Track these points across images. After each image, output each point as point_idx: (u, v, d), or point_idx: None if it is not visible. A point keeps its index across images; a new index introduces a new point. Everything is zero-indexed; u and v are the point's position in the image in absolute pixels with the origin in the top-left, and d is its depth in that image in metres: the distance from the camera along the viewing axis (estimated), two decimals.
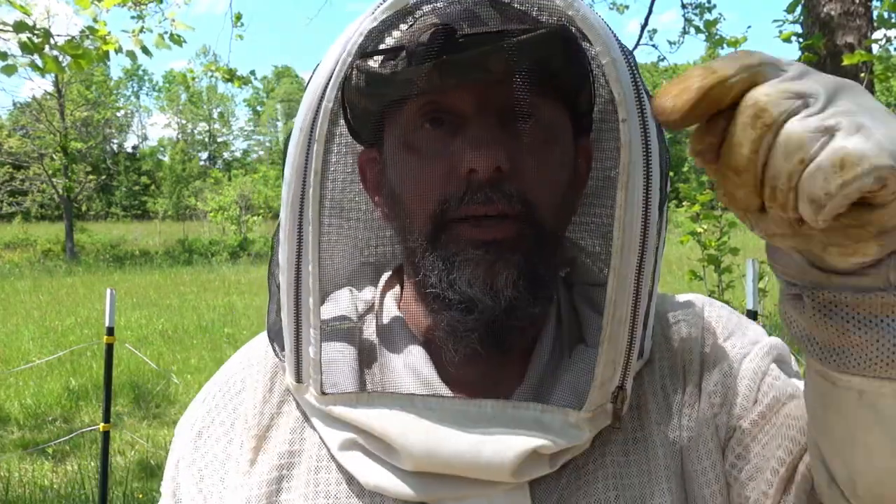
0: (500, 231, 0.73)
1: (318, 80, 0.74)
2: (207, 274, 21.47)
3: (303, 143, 0.74)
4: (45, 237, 30.95)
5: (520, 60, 0.70)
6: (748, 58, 0.49)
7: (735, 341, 0.82)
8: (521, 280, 0.73)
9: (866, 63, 4.07)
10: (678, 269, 16.50)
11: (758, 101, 0.48)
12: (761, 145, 0.47)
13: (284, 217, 0.76)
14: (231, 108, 73.55)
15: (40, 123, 32.57)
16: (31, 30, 4.49)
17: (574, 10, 0.72)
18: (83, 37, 4.89)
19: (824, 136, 0.46)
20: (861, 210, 0.47)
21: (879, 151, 0.45)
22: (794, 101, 0.48)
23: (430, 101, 0.75)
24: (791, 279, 0.56)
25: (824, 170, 0.45)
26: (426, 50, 0.72)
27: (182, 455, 0.84)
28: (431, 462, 0.70)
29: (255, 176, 39.46)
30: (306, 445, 0.79)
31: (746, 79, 0.49)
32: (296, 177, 0.75)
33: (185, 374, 8.95)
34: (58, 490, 5.48)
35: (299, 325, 0.76)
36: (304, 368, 0.77)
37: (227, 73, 8.25)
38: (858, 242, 0.49)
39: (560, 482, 0.74)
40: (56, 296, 16.55)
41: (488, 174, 0.71)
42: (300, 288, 0.76)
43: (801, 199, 0.47)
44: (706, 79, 0.49)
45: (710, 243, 5.46)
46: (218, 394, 0.86)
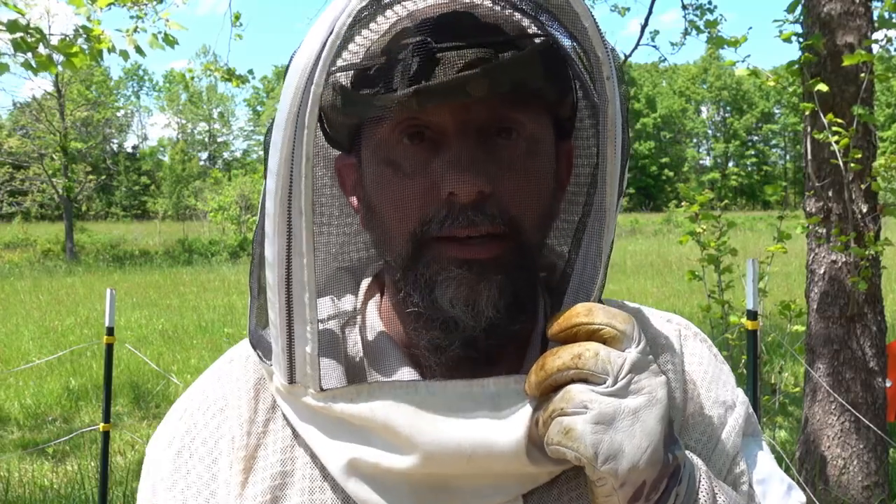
0: (483, 251, 0.72)
1: (304, 62, 0.70)
2: (207, 274, 21.47)
3: (290, 130, 0.70)
4: (45, 237, 30.96)
5: (500, 82, 0.70)
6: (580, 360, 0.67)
7: (715, 395, 0.85)
8: (502, 300, 0.72)
9: (866, 63, 4.06)
10: (678, 269, 16.49)
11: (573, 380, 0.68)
12: (560, 377, 0.67)
13: (273, 209, 0.71)
14: (231, 108, 73.60)
15: (40, 123, 32.58)
16: (25, 29, 4.49)
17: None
18: (76, 35, 4.87)
19: (583, 411, 0.65)
20: (592, 483, 0.67)
21: (593, 445, 0.64)
22: (600, 377, 0.66)
23: (409, 117, 0.73)
24: None
25: (559, 423, 0.65)
26: (404, 73, 0.71)
27: (161, 476, 0.79)
28: (440, 450, 0.68)
29: (255, 176, 39.43)
30: (297, 465, 0.76)
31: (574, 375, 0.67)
32: (284, 165, 0.70)
33: (184, 374, 8.95)
34: (58, 490, 5.48)
35: (291, 323, 0.72)
36: (297, 368, 0.73)
37: (226, 73, 8.24)
38: None
39: (552, 493, 0.74)
40: (56, 296, 16.55)
41: (469, 198, 0.70)
42: (291, 282, 0.72)
43: (547, 431, 0.66)
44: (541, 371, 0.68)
45: (709, 243, 5.45)
46: (197, 411, 0.81)
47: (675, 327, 0.89)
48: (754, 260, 3.58)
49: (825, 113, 4.06)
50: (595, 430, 0.64)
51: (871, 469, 4.26)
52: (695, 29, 7.10)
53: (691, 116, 73.12)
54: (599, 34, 0.73)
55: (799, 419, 4.93)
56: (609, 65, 0.73)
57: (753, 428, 0.88)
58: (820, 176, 4.23)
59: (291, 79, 0.71)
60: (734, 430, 0.84)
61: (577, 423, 0.64)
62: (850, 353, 4.24)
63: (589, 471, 0.65)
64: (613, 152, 0.74)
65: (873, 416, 4.22)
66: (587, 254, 0.76)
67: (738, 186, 68.03)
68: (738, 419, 0.85)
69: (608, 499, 0.66)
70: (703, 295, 5.77)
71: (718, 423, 0.83)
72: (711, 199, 5.69)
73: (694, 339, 0.89)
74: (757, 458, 0.85)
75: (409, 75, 0.70)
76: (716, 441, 0.82)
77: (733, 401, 0.86)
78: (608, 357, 0.66)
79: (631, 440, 0.65)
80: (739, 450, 0.83)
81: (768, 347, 7.95)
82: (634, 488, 0.66)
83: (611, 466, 0.64)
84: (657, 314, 0.90)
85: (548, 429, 0.66)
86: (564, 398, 0.66)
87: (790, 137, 69.16)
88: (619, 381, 0.66)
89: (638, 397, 0.66)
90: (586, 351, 0.66)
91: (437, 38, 0.71)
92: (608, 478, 0.65)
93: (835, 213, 4.19)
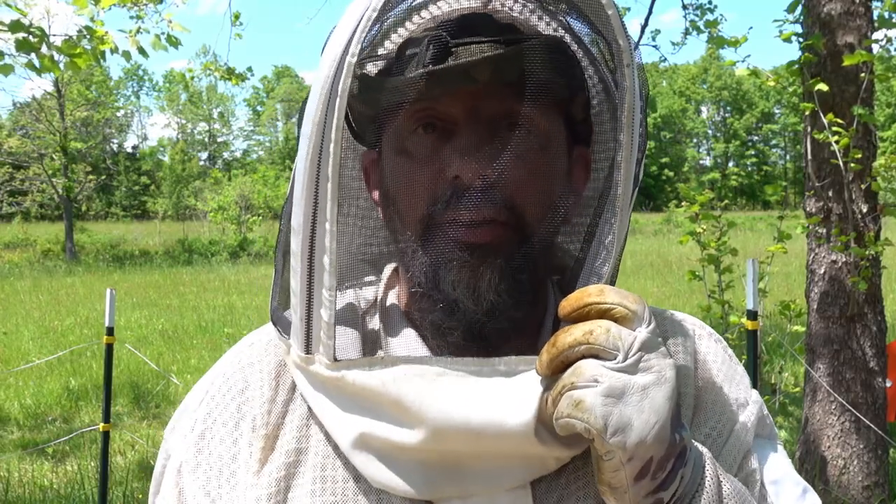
0: (485, 235, 0.74)
1: (342, 34, 0.74)
2: (207, 274, 21.47)
3: (324, 97, 0.73)
4: (45, 237, 30.95)
5: (504, 69, 0.74)
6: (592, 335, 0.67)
7: (727, 392, 0.86)
8: (502, 284, 0.75)
9: (866, 63, 4.06)
10: (678, 269, 16.49)
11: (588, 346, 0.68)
12: (572, 353, 0.67)
13: (301, 173, 0.74)
14: (231, 108, 73.63)
15: (40, 123, 32.57)
16: (28, 29, 4.49)
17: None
18: (80, 36, 4.87)
19: (593, 384, 0.65)
20: (596, 455, 0.67)
21: (603, 417, 0.64)
22: (611, 352, 0.67)
23: (425, 108, 0.77)
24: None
25: (570, 397, 0.66)
26: (418, 62, 0.75)
27: (185, 459, 0.81)
28: (448, 426, 0.69)
29: (255, 176, 39.44)
30: (312, 442, 0.78)
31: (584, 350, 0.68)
32: (316, 130, 0.73)
33: (184, 374, 8.95)
34: (58, 490, 5.48)
35: (312, 287, 0.74)
36: (314, 336, 0.75)
37: (225, 72, 8.25)
38: (601, 485, 0.69)
39: (560, 482, 0.75)
40: (56, 296, 16.54)
41: (472, 181, 0.73)
42: (314, 247, 0.74)
43: (557, 405, 0.67)
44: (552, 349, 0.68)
45: (709, 243, 5.45)
46: (217, 394, 0.84)
47: (689, 325, 0.90)
48: (754, 260, 3.58)
49: (825, 113, 4.06)
50: (605, 403, 0.65)
51: (871, 469, 4.26)
52: (695, 29, 7.10)
53: (691, 116, 73.12)
54: (622, 23, 0.74)
55: (799, 419, 4.93)
56: (630, 52, 0.75)
57: (769, 431, 0.88)
58: (820, 176, 4.23)
59: (328, 50, 0.74)
60: (746, 428, 0.84)
61: (587, 396, 0.65)
62: (850, 353, 4.24)
63: (598, 443, 0.65)
64: (630, 140, 0.75)
65: (873, 416, 4.22)
66: (600, 241, 0.78)
67: (738, 186, 68.04)
68: (750, 417, 0.85)
69: (615, 474, 0.67)
70: (703, 295, 5.77)
71: (730, 419, 0.84)
72: (711, 199, 5.69)
73: (709, 338, 0.90)
74: (770, 459, 0.86)
75: (422, 63, 0.75)
76: (726, 437, 0.83)
77: (746, 399, 0.87)
78: (619, 334, 0.67)
79: (640, 415, 0.65)
80: (751, 448, 0.84)
81: (768, 347, 7.95)
82: (642, 463, 0.67)
83: (619, 439, 0.65)
84: (670, 313, 0.91)
85: (557, 404, 0.67)
86: (575, 373, 0.66)
87: (790, 137, 69.17)
88: (630, 358, 0.66)
89: (647, 375, 0.67)
90: (598, 327, 0.67)
91: (453, 35, 0.76)
92: (616, 451, 0.65)
93: (835, 213, 4.19)
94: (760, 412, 0.87)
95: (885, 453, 4.33)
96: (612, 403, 0.65)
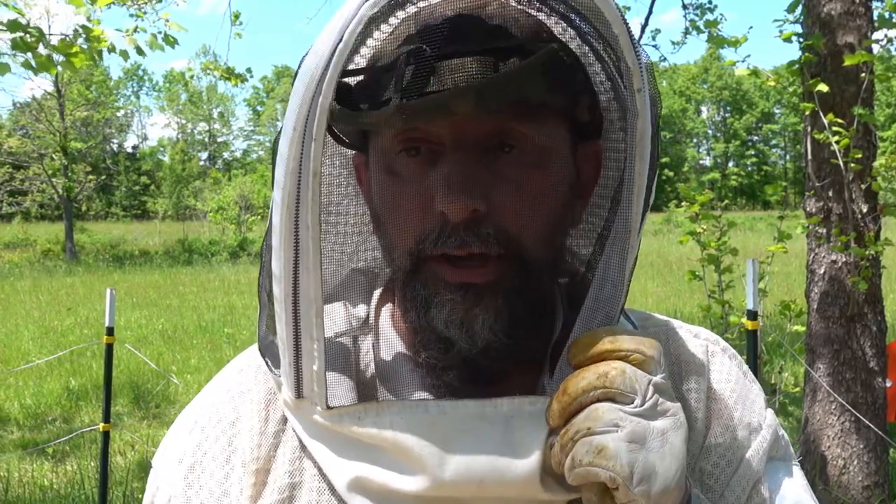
0: (477, 275, 0.69)
1: (312, 71, 0.67)
2: (207, 274, 21.46)
3: (297, 142, 0.67)
4: (45, 237, 30.95)
5: (489, 99, 0.66)
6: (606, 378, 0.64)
7: (740, 416, 0.82)
8: (498, 323, 0.70)
9: (866, 63, 4.06)
10: (678, 269, 16.49)
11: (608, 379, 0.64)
12: (586, 398, 0.63)
13: (279, 222, 0.69)
14: (231, 108, 73.59)
15: (40, 123, 32.57)
16: (25, 29, 4.48)
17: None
18: (76, 35, 4.87)
19: (614, 429, 0.62)
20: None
21: (629, 464, 0.61)
22: (629, 396, 0.64)
23: (410, 128, 0.70)
24: None
25: (587, 443, 0.62)
26: (396, 85, 0.68)
27: (173, 493, 0.78)
28: (450, 475, 0.66)
29: (255, 176, 39.43)
30: (305, 477, 0.75)
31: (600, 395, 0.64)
32: (290, 178, 0.68)
33: (184, 374, 8.95)
34: (58, 490, 5.48)
35: (298, 338, 0.70)
36: (305, 384, 0.71)
37: (225, 72, 8.25)
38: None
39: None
40: (56, 296, 16.54)
41: (460, 218, 0.68)
42: (298, 298, 0.69)
43: (571, 452, 0.63)
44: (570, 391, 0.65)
45: (709, 243, 5.45)
46: (208, 425, 0.80)
47: (702, 343, 0.85)
48: (754, 260, 3.57)
49: (825, 113, 4.06)
50: (630, 450, 0.61)
51: (871, 469, 4.25)
52: (695, 29, 7.09)
53: (691, 116, 73.08)
54: (631, 42, 0.68)
55: (799, 419, 4.93)
56: (640, 75, 0.69)
57: (784, 452, 0.84)
58: (820, 176, 4.23)
59: (299, 87, 0.68)
60: (757, 455, 0.80)
61: (609, 442, 0.61)
62: (850, 353, 4.24)
63: (622, 493, 0.61)
64: (642, 167, 0.71)
65: (873, 416, 4.22)
66: (607, 271, 0.73)
67: (738, 186, 68.00)
68: (762, 443, 0.81)
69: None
70: (704, 295, 5.76)
71: (741, 446, 0.80)
72: (711, 199, 5.68)
73: (722, 354, 0.86)
74: (783, 487, 0.81)
75: (400, 88, 0.67)
76: (737, 465, 0.79)
77: (759, 423, 0.82)
78: (635, 376, 0.64)
79: (662, 461, 0.62)
80: (762, 476, 0.80)
81: (768, 347, 7.94)
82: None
83: (644, 488, 0.61)
84: (685, 328, 0.87)
85: (570, 452, 0.63)
86: (591, 417, 0.62)
87: (790, 137, 69.14)
88: (647, 402, 0.63)
89: (665, 419, 0.64)
90: (612, 370, 0.64)
91: (436, 45, 0.68)
92: (640, 500, 0.62)
93: (835, 213, 4.18)
94: (774, 434, 0.83)
95: (884, 453, 4.33)
96: (637, 450, 0.61)
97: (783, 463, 0.83)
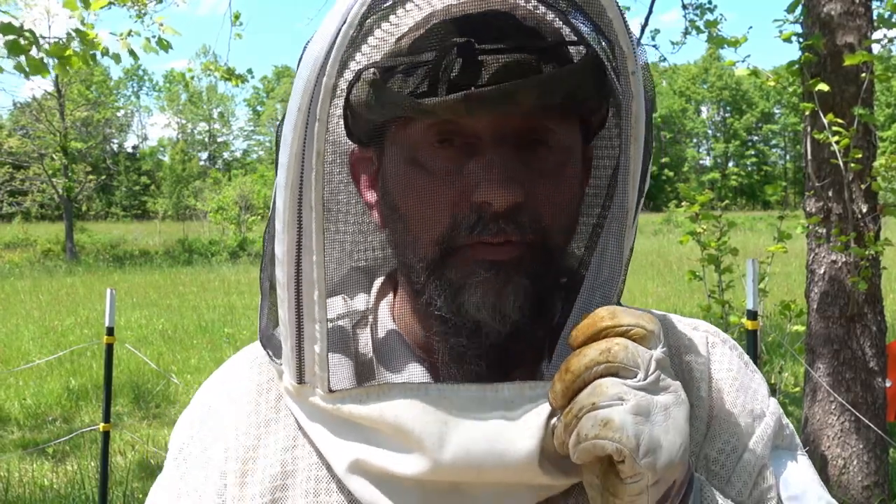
0: (508, 252, 0.71)
1: (316, 54, 0.68)
2: (207, 274, 21.47)
3: (301, 123, 0.69)
4: (45, 237, 30.95)
5: (551, 94, 0.69)
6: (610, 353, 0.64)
7: (742, 403, 0.82)
8: (527, 304, 0.71)
9: (866, 63, 4.06)
10: (678, 269, 16.49)
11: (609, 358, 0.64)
12: (589, 375, 0.63)
13: (283, 204, 0.70)
14: (231, 108, 73.61)
15: (40, 123, 32.58)
16: (19, 32, 4.48)
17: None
18: (70, 39, 4.87)
19: (618, 402, 0.62)
20: (616, 480, 0.63)
21: (636, 436, 0.61)
22: (632, 370, 0.64)
23: (446, 120, 0.71)
24: None
25: (593, 418, 0.61)
26: (446, 75, 0.69)
27: (164, 477, 0.82)
28: (450, 458, 0.66)
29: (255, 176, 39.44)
30: (300, 465, 0.75)
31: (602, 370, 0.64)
32: (295, 160, 0.69)
33: (185, 374, 8.95)
34: (58, 490, 5.48)
35: (301, 321, 0.71)
36: (306, 367, 0.72)
37: (225, 72, 8.25)
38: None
39: (569, 502, 0.73)
40: (56, 296, 16.54)
41: (504, 208, 0.69)
42: (301, 280, 0.71)
43: (576, 428, 0.62)
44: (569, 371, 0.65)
45: (709, 243, 5.45)
46: (198, 419, 0.83)
47: (702, 334, 0.86)
48: (754, 260, 3.58)
49: (825, 113, 4.06)
50: (636, 422, 0.61)
51: (871, 469, 4.26)
52: (695, 29, 7.09)
53: (691, 116, 73.09)
54: (625, 27, 0.70)
55: (799, 419, 4.93)
56: (634, 59, 0.71)
57: (789, 441, 0.84)
58: (820, 176, 4.23)
59: (303, 70, 0.69)
60: (761, 441, 0.80)
61: (615, 414, 0.61)
62: (850, 353, 4.24)
63: (628, 465, 0.61)
64: (637, 150, 0.72)
65: (873, 416, 4.22)
66: (604, 254, 0.74)
67: (738, 186, 68.01)
68: (766, 430, 0.81)
69: (637, 498, 0.63)
70: (704, 295, 5.76)
71: (745, 432, 0.80)
72: (711, 199, 5.68)
73: (723, 345, 0.86)
74: (790, 473, 0.81)
75: (453, 78, 0.68)
76: (741, 451, 0.79)
77: (763, 410, 0.82)
78: (637, 351, 0.64)
79: (666, 435, 0.62)
80: (767, 463, 0.80)
81: (768, 347, 7.95)
82: (667, 486, 0.64)
83: (650, 460, 0.61)
84: (684, 321, 0.88)
85: (575, 428, 0.63)
86: (595, 392, 0.62)
87: (790, 137, 69.14)
88: (650, 376, 0.64)
89: (667, 394, 0.64)
90: (615, 345, 0.64)
91: (478, 39, 0.69)
92: (645, 473, 0.61)
93: (835, 213, 4.19)
94: (778, 423, 0.83)
95: (884, 453, 4.33)
96: (642, 422, 0.61)
97: (789, 452, 0.83)
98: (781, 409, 0.85)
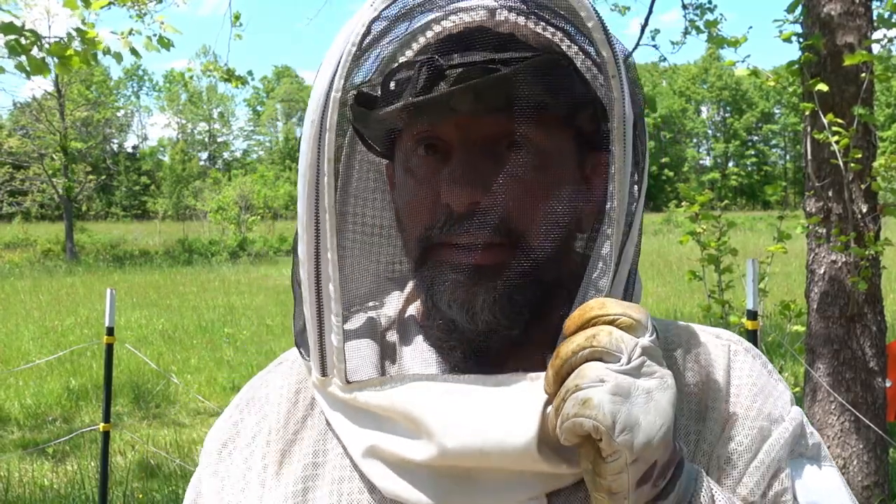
0: (482, 257, 0.75)
1: (325, 71, 0.77)
2: (207, 274, 21.47)
3: (314, 134, 0.76)
4: (45, 237, 30.96)
5: (487, 98, 0.73)
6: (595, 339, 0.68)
7: (760, 406, 0.82)
8: (497, 305, 0.75)
9: (866, 63, 4.06)
10: (678, 269, 16.49)
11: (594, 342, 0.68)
12: (575, 360, 0.67)
13: (301, 209, 0.78)
14: (231, 108, 73.66)
15: (40, 123, 32.59)
16: (20, 31, 4.48)
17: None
18: (70, 38, 4.87)
19: (599, 384, 0.65)
20: (599, 460, 0.66)
21: (611, 413, 0.64)
22: (615, 354, 0.67)
23: (426, 129, 0.78)
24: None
25: (574, 398, 0.65)
26: (410, 90, 0.76)
27: (207, 464, 0.87)
28: (453, 444, 0.70)
29: (255, 176, 39.45)
30: (329, 456, 0.81)
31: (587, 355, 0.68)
32: (310, 168, 0.77)
33: (184, 374, 8.95)
34: (58, 490, 5.48)
35: (321, 314, 0.78)
36: (328, 359, 0.79)
37: (225, 74, 8.25)
38: (598, 492, 0.67)
39: (578, 495, 0.74)
40: (56, 296, 16.55)
41: (461, 208, 0.74)
42: (320, 277, 0.78)
43: (562, 409, 0.66)
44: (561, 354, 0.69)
45: (709, 243, 5.45)
46: (245, 409, 0.89)
47: (724, 342, 0.87)
48: (754, 260, 3.58)
49: (825, 113, 4.06)
50: (613, 401, 0.64)
51: (871, 469, 4.26)
52: (695, 29, 7.09)
53: (691, 116, 73.12)
54: (604, 33, 0.74)
55: None
56: (614, 63, 0.75)
57: (815, 451, 0.83)
58: (820, 176, 4.23)
59: (315, 89, 0.78)
60: (777, 444, 0.80)
61: (594, 394, 0.65)
62: (850, 353, 4.24)
63: (605, 442, 0.64)
64: (622, 151, 0.75)
65: (873, 416, 4.22)
66: (597, 254, 0.78)
67: (738, 186, 68.04)
68: (783, 433, 0.81)
69: (618, 476, 0.65)
70: (703, 295, 5.76)
71: (761, 435, 0.80)
72: (711, 199, 5.68)
73: (745, 353, 0.87)
74: (810, 479, 0.81)
75: (413, 92, 0.75)
76: (754, 453, 0.80)
77: (782, 415, 0.82)
78: (621, 337, 0.67)
79: (646, 416, 0.65)
80: (783, 466, 0.80)
81: (768, 347, 7.95)
82: (647, 466, 0.66)
83: (627, 437, 0.64)
84: (708, 330, 0.89)
85: (561, 411, 0.66)
86: (579, 375, 0.66)
87: (790, 137, 69.16)
88: (633, 361, 0.66)
89: (651, 379, 0.67)
90: (600, 332, 0.67)
91: (447, 54, 0.76)
92: (623, 450, 0.64)
93: (835, 213, 4.19)
94: (800, 430, 0.83)
95: (884, 453, 4.34)
96: (620, 402, 0.64)
97: (813, 460, 0.83)
98: (805, 418, 0.84)
